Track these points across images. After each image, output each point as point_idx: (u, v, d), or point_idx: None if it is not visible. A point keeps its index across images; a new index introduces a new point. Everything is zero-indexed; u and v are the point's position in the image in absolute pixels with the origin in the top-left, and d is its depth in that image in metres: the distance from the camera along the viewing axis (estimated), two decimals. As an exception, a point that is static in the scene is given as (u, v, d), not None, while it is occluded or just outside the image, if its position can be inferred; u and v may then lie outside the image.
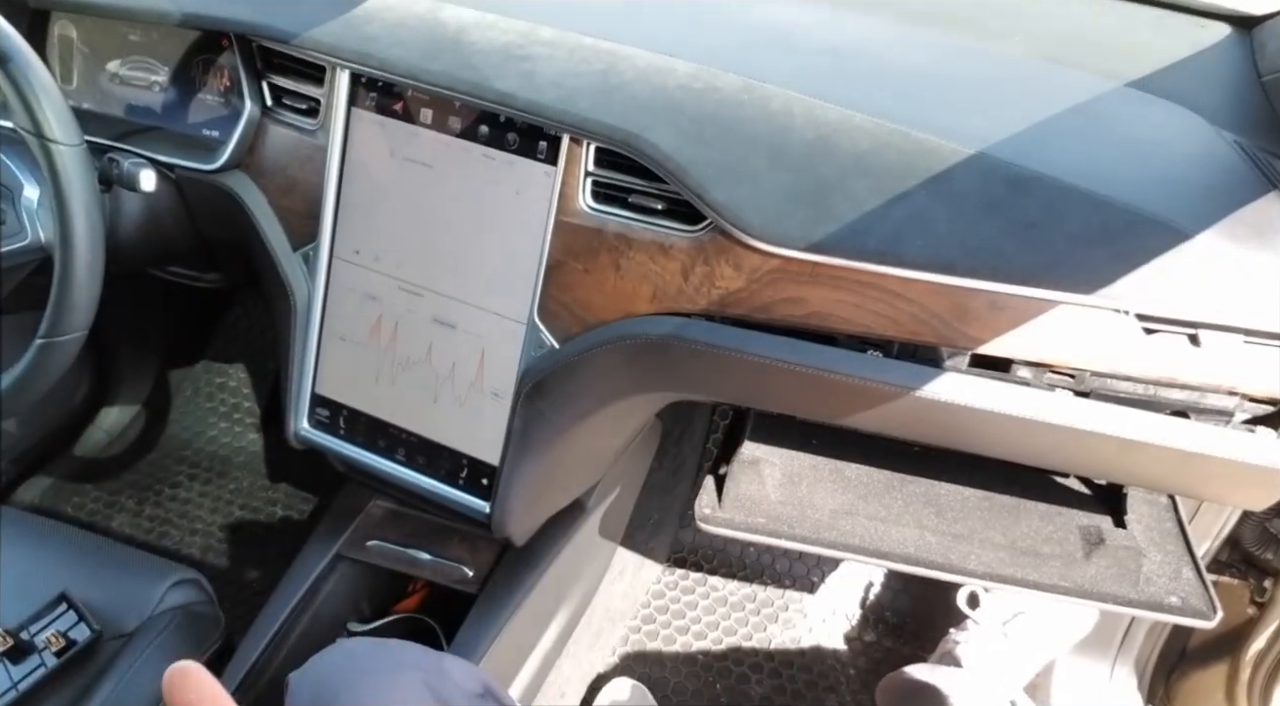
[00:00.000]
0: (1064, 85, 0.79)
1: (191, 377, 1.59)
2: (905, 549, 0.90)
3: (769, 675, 1.29)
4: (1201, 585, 0.89)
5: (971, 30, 0.89)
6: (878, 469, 0.97)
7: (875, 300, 0.67)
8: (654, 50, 0.75)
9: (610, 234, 0.73)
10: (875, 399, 0.71)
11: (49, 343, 0.74)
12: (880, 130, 0.69)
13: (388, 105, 0.79)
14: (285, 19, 0.80)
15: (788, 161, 0.68)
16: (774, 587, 1.37)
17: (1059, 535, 0.92)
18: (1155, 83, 0.81)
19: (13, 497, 1.40)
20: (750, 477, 0.94)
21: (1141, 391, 0.69)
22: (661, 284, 0.72)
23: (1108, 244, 0.64)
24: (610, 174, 0.73)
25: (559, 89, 0.72)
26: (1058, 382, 0.70)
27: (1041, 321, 0.65)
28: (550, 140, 0.74)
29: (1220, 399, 0.68)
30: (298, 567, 1.02)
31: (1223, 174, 0.70)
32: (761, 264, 0.68)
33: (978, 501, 0.95)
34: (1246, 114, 0.78)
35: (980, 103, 0.75)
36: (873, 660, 1.31)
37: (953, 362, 0.70)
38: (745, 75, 0.72)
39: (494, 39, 0.76)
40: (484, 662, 0.93)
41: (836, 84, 0.73)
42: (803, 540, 0.89)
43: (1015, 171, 0.66)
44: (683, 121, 0.70)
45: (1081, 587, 0.88)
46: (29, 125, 0.69)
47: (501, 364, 0.81)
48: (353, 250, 0.84)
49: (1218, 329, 0.65)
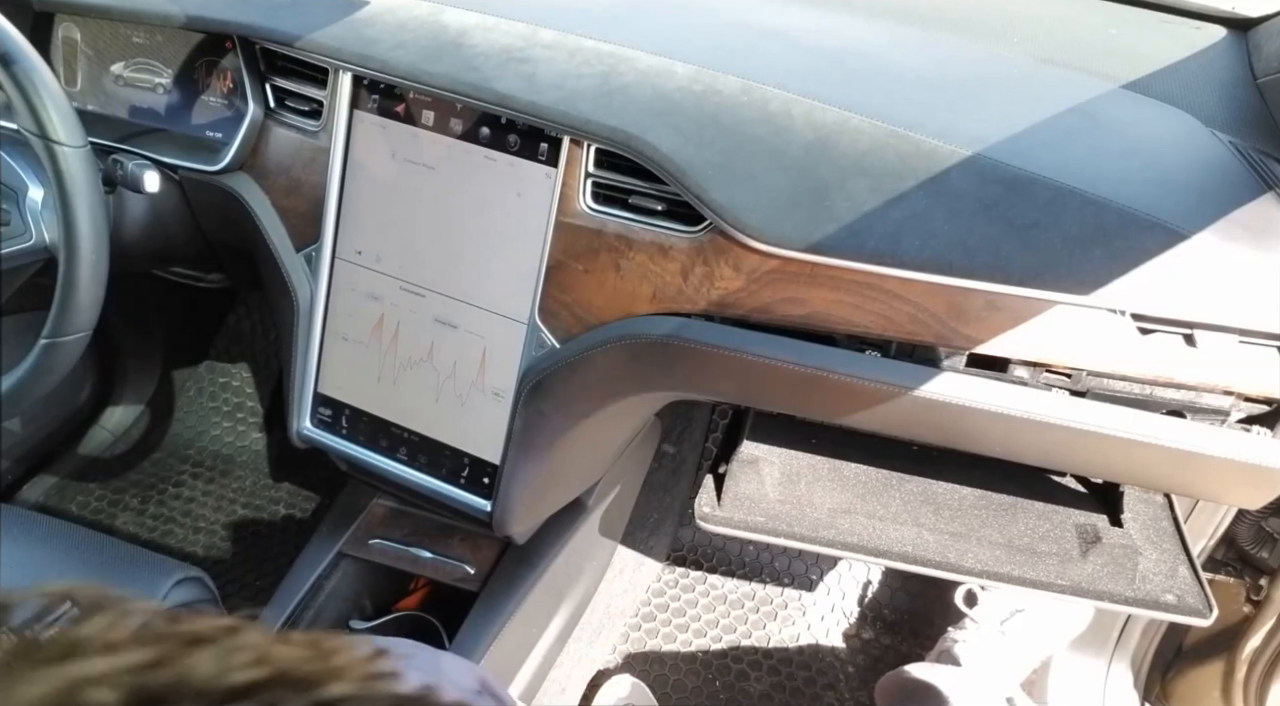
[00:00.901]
0: (1061, 87, 0.80)
1: (195, 377, 1.59)
2: (903, 547, 0.90)
3: (768, 672, 1.29)
4: (1197, 583, 0.89)
5: (969, 32, 0.90)
6: (876, 468, 0.98)
7: (873, 300, 0.68)
8: (654, 52, 0.75)
9: (610, 235, 0.73)
10: (873, 398, 0.72)
11: (53, 343, 0.74)
12: (879, 132, 0.69)
13: (390, 107, 0.79)
14: (288, 21, 0.80)
15: (787, 163, 0.69)
16: (773, 585, 1.38)
17: (1056, 533, 0.93)
18: (1152, 84, 0.81)
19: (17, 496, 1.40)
20: (749, 476, 0.95)
21: (1137, 391, 0.69)
22: (661, 284, 0.73)
23: (1104, 244, 0.65)
24: (610, 175, 0.73)
25: (560, 91, 0.73)
26: (1054, 382, 0.70)
27: (1038, 321, 0.66)
28: (551, 142, 0.74)
29: (1216, 398, 0.69)
30: (300, 566, 1.03)
31: (1219, 175, 0.70)
32: (761, 264, 0.69)
33: (975, 500, 0.96)
34: (1242, 115, 0.79)
35: (978, 104, 0.75)
36: (871, 657, 1.31)
37: (950, 362, 0.70)
38: (745, 77, 0.73)
39: (495, 41, 0.77)
40: (485, 659, 0.93)
41: (835, 86, 0.74)
42: (801, 538, 0.90)
43: (1013, 172, 0.67)
44: (683, 123, 0.71)
45: (1078, 585, 0.88)
46: (33, 127, 0.70)
47: (502, 363, 0.81)
48: (355, 251, 0.84)
49: (1213, 329, 0.65)
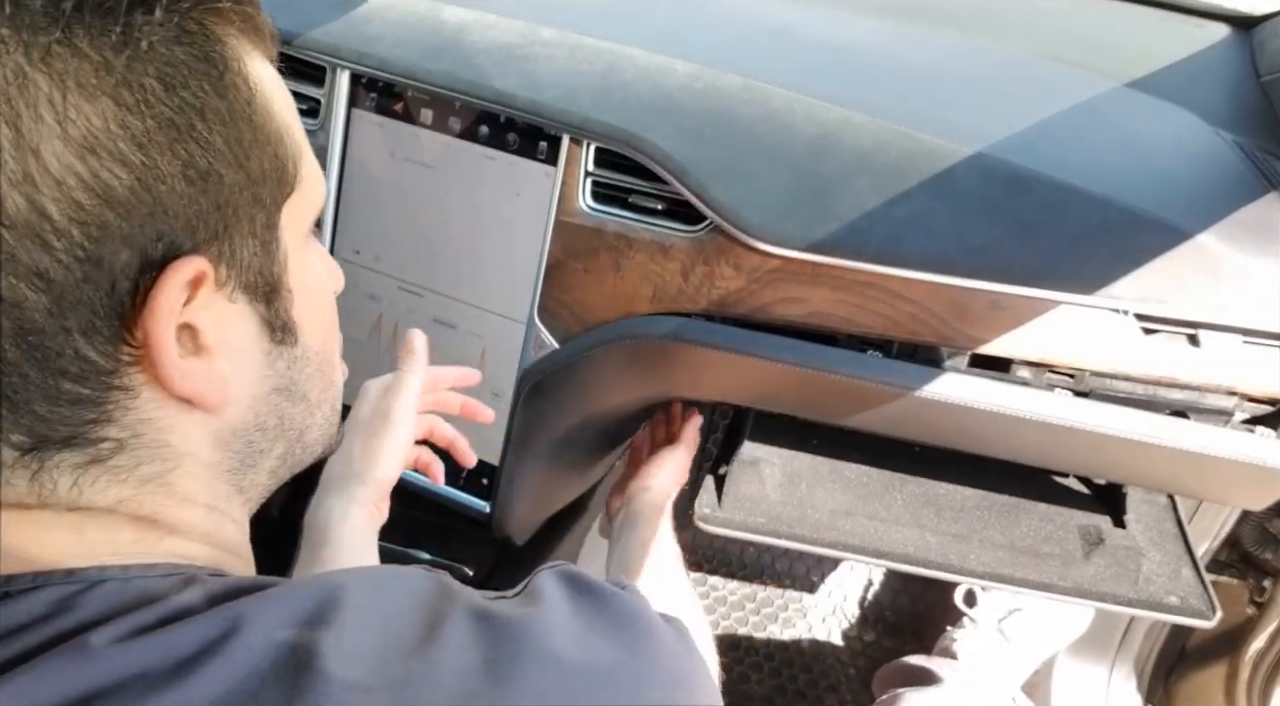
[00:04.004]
0: (1064, 85, 0.79)
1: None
2: (905, 549, 0.90)
3: (769, 674, 1.29)
4: (1201, 585, 0.89)
5: (972, 29, 0.89)
6: (877, 469, 0.97)
7: (875, 300, 0.67)
8: (654, 50, 0.75)
9: (610, 234, 0.73)
10: (875, 399, 0.71)
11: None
12: (881, 129, 0.69)
13: (388, 105, 0.79)
14: (285, 19, 0.80)
15: (788, 161, 0.68)
16: (774, 587, 1.37)
17: (1058, 535, 0.92)
18: (1155, 83, 0.81)
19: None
20: (750, 477, 0.94)
21: (1141, 391, 0.69)
22: (661, 284, 0.72)
23: (1108, 244, 0.64)
24: (610, 174, 0.73)
25: (559, 88, 0.73)
26: (1057, 382, 0.70)
27: (1041, 321, 0.66)
28: (550, 140, 0.74)
29: (1219, 399, 0.69)
30: (298, 567, 1.02)
31: (1222, 174, 0.70)
32: (762, 264, 0.69)
33: (977, 501, 0.95)
34: (1246, 114, 0.78)
35: (981, 102, 0.75)
36: (873, 659, 1.31)
37: (952, 362, 0.70)
38: (746, 74, 0.73)
39: (494, 39, 0.76)
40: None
41: (837, 83, 0.73)
42: (802, 540, 0.89)
43: (1016, 171, 0.66)
44: (683, 121, 0.70)
45: (1081, 587, 0.88)
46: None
47: (502, 364, 0.81)
48: (353, 250, 0.84)
49: (1217, 329, 0.65)
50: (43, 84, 0.26)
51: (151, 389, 0.30)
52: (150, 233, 0.29)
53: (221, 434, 0.34)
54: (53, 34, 0.26)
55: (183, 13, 0.30)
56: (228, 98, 0.31)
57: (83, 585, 0.27)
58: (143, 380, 0.30)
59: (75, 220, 0.27)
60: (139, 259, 0.29)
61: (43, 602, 0.27)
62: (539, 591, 0.34)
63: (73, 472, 0.29)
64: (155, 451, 0.31)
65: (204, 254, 0.30)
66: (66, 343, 0.28)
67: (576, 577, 0.35)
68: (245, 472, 0.36)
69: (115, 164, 0.27)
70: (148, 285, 0.29)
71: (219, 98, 0.31)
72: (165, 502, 0.32)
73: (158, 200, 0.29)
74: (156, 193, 0.29)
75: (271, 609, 0.28)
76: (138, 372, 0.30)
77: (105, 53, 0.27)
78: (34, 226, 0.26)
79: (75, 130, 0.27)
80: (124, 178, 0.28)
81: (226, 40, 0.32)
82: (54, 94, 0.26)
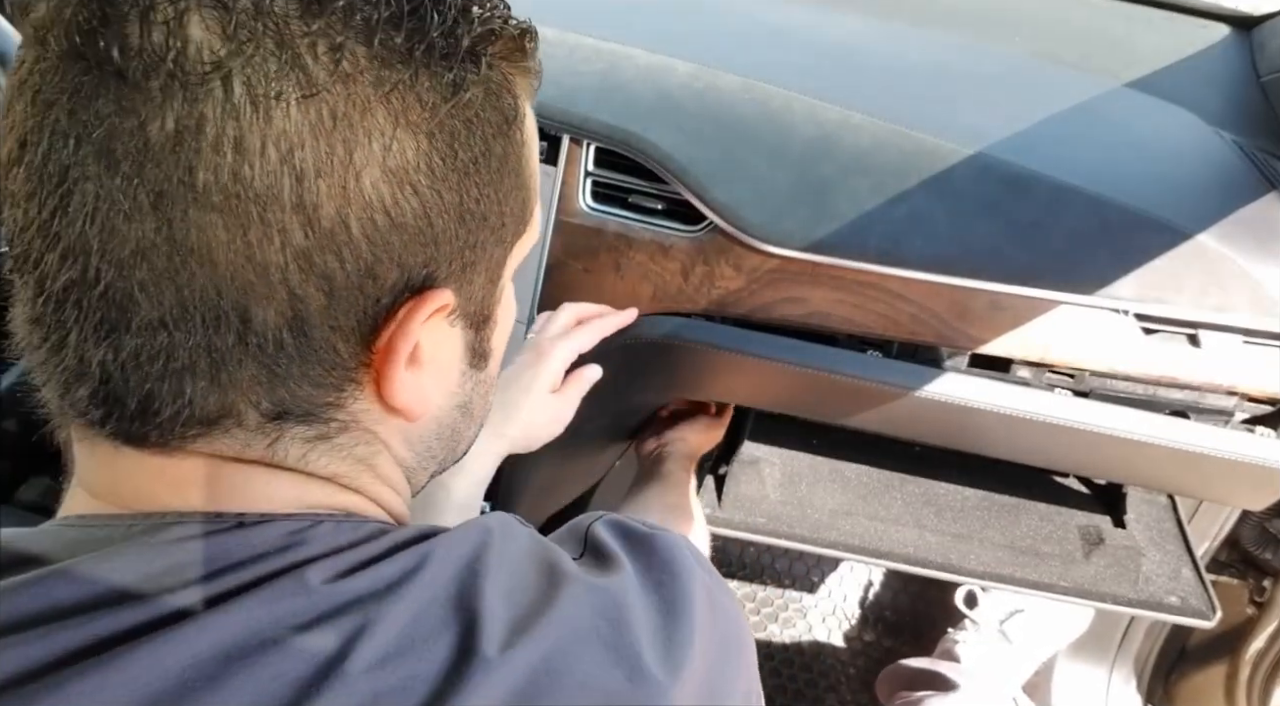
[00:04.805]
0: (1064, 85, 0.79)
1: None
2: (905, 549, 0.90)
3: (769, 674, 1.29)
4: (1201, 585, 0.89)
5: (971, 30, 0.89)
6: (877, 469, 0.97)
7: (875, 300, 0.67)
8: (654, 50, 0.75)
9: (610, 234, 0.73)
10: (875, 399, 0.71)
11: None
12: (880, 129, 0.69)
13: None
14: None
15: (788, 161, 0.68)
16: (773, 587, 1.37)
17: (1058, 535, 0.92)
18: (1155, 83, 0.81)
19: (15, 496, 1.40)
20: (750, 477, 0.94)
21: (1141, 391, 0.69)
22: (661, 284, 0.72)
23: (1107, 243, 0.64)
24: (610, 174, 0.73)
25: (559, 88, 0.73)
26: (1057, 382, 0.70)
27: (1041, 321, 0.66)
28: (550, 140, 0.74)
29: (1220, 399, 0.69)
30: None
31: (1222, 174, 0.70)
32: (761, 264, 0.69)
33: (977, 501, 0.95)
34: (1245, 114, 0.78)
35: (980, 102, 0.75)
36: (873, 659, 1.31)
37: (952, 362, 0.70)
38: (745, 75, 0.73)
39: (494, 39, 0.76)
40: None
41: (837, 83, 0.73)
42: (802, 540, 0.89)
43: (1015, 171, 0.66)
44: (683, 121, 0.70)
45: (1081, 587, 0.88)
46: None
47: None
48: (353, 250, 0.84)
49: (1217, 329, 0.65)
50: (380, 116, 0.29)
51: (373, 387, 0.34)
52: (420, 258, 0.32)
53: (410, 436, 0.38)
54: (403, 74, 0.30)
55: (494, 64, 0.34)
56: (509, 148, 0.35)
57: (307, 524, 0.32)
58: (368, 377, 0.33)
59: (367, 237, 0.30)
60: (404, 280, 0.32)
61: (274, 535, 0.31)
62: (605, 552, 0.39)
63: (304, 445, 0.33)
64: (367, 437, 0.35)
65: (450, 285, 0.34)
66: (328, 337, 0.31)
67: (626, 529, 0.41)
68: (416, 473, 0.40)
69: (412, 194, 0.31)
70: (404, 304, 0.32)
71: (503, 147, 0.34)
72: (369, 480, 0.36)
73: (434, 232, 0.32)
74: (435, 225, 0.32)
75: (445, 549, 0.33)
76: (367, 372, 0.33)
77: (434, 96, 0.31)
78: (335, 236, 0.29)
79: (393, 161, 0.30)
80: (415, 207, 0.31)
81: (519, 93, 0.36)
82: (386, 126, 0.30)
